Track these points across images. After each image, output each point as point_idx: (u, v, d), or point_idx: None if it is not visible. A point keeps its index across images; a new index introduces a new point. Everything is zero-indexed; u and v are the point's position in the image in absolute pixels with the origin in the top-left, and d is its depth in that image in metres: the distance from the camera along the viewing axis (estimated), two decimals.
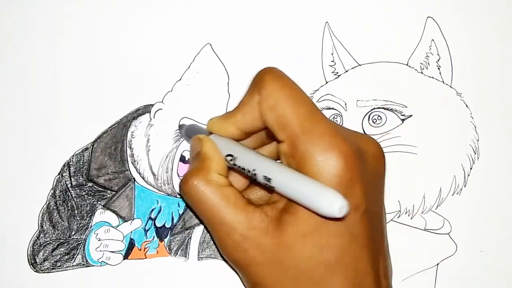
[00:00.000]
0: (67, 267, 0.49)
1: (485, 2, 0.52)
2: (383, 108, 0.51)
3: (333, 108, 0.51)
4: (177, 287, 0.49)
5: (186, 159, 0.49)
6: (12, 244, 0.49)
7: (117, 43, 0.51)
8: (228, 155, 0.41)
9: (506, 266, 0.50)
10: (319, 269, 0.38)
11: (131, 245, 0.49)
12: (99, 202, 0.49)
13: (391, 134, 0.50)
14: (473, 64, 0.52)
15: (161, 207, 0.50)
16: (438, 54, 0.51)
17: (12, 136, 0.50)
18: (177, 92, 0.50)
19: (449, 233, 0.50)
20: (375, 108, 0.51)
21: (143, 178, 0.50)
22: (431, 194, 0.50)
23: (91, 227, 0.49)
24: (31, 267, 0.49)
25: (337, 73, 0.51)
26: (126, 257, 0.49)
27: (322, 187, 0.36)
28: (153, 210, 0.50)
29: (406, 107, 0.51)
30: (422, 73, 0.51)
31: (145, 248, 0.49)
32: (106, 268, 0.49)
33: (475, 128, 0.51)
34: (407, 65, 0.51)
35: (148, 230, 0.49)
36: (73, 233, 0.49)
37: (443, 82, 0.51)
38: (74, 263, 0.49)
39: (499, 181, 0.51)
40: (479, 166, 0.51)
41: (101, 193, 0.49)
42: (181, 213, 0.50)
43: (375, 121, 0.50)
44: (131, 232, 0.49)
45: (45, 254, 0.49)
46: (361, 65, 0.51)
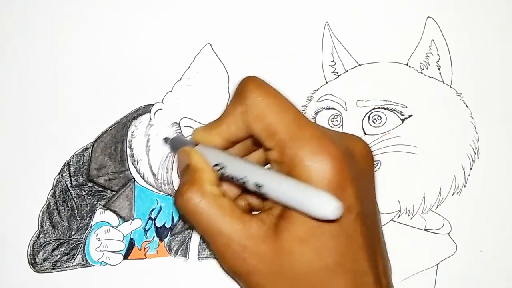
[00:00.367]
0: (67, 267, 0.49)
1: (485, 2, 0.52)
2: (383, 108, 0.51)
3: (333, 108, 0.51)
4: (177, 287, 0.49)
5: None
6: (12, 244, 0.49)
7: (117, 43, 0.51)
8: (216, 165, 0.41)
9: (506, 266, 0.50)
10: (319, 272, 0.38)
11: (131, 245, 0.49)
12: (99, 202, 0.49)
13: (391, 134, 0.50)
14: (473, 64, 0.52)
15: (161, 207, 0.50)
16: (438, 54, 0.51)
17: (12, 136, 0.50)
18: (177, 92, 0.50)
19: (449, 233, 0.50)
20: (375, 108, 0.51)
21: (143, 178, 0.50)
22: (431, 194, 0.50)
23: (91, 227, 0.49)
24: (31, 267, 0.49)
25: (337, 73, 0.51)
26: (126, 257, 0.49)
27: (314, 190, 0.36)
28: (153, 210, 0.50)
29: (406, 107, 0.51)
30: (422, 73, 0.51)
31: (145, 248, 0.49)
32: (106, 268, 0.49)
33: (475, 128, 0.51)
34: (407, 65, 0.51)
35: (148, 230, 0.49)
36: (73, 233, 0.49)
37: (443, 82, 0.51)
38: (74, 263, 0.49)
39: (499, 181, 0.51)
40: (479, 166, 0.51)
41: (101, 193, 0.49)
42: None
43: (375, 121, 0.50)
44: (131, 232, 0.49)
45: (45, 254, 0.49)
46: (361, 65, 0.51)
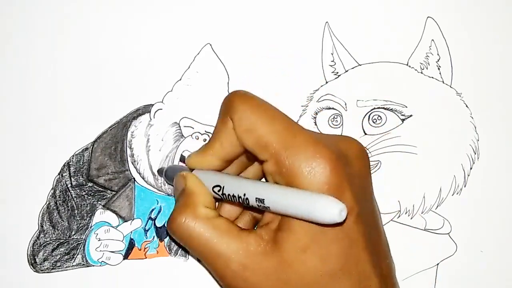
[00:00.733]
0: (67, 267, 0.49)
1: (485, 2, 0.52)
2: (383, 108, 0.51)
3: (333, 108, 0.51)
4: (177, 287, 0.49)
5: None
6: (12, 244, 0.49)
7: (117, 43, 0.51)
8: (215, 186, 0.41)
9: (506, 266, 0.50)
10: (323, 279, 0.38)
11: (131, 245, 0.49)
12: (99, 202, 0.49)
13: (391, 134, 0.50)
14: (473, 64, 0.52)
15: (161, 207, 0.50)
16: (438, 54, 0.51)
17: (12, 136, 0.50)
18: (177, 92, 0.50)
19: (449, 233, 0.50)
20: (375, 108, 0.51)
21: (143, 178, 0.50)
22: (431, 194, 0.50)
23: (91, 227, 0.49)
24: (31, 267, 0.49)
25: (337, 73, 0.51)
26: (126, 257, 0.49)
27: (317, 195, 0.36)
28: (153, 210, 0.50)
29: (406, 107, 0.51)
30: (422, 73, 0.51)
31: (145, 248, 0.49)
32: (106, 268, 0.49)
33: (475, 128, 0.51)
34: (407, 65, 0.51)
35: (148, 230, 0.49)
36: (73, 233, 0.49)
37: (443, 82, 0.51)
38: (74, 263, 0.49)
39: (499, 181, 0.51)
40: (479, 166, 0.51)
41: (101, 193, 0.49)
42: None
43: (375, 121, 0.50)
44: (131, 232, 0.49)
45: (45, 254, 0.49)
46: (361, 65, 0.51)
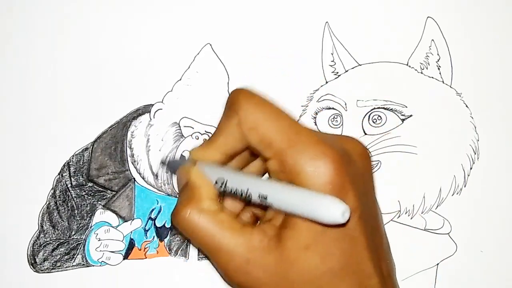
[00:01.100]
0: (67, 267, 0.49)
1: (485, 2, 0.52)
2: (383, 108, 0.51)
3: (333, 108, 0.51)
4: (177, 287, 0.49)
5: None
6: (12, 244, 0.49)
7: (117, 43, 0.51)
8: (218, 180, 0.41)
9: (506, 266, 0.50)
10: (324, 277, 0.38)
11: (131, 245, 0.49)
12: (99, 202, 0.49)
13: (391, 134, 0.50)
14: (473, 64, 0.52)
15: (161, 207, 0.50)
16: (438, 54, 0.51)
17: (12, 136, 0.50)
18: (177, 92, 0.50)
19: (449, 233, 0.50)
20: (375, 108, 0.51)
21: (143, 178, 0.50)
22: (431, 194, 0.50)
23: (91, 227, 0.49)
24: (31, 267, 0.49)
25: (337, 73, 0.51)
26: (126, 257, 0.49)
27: (320, 195, 0.36)
28: (153, 210, 0.50)
29: (406, 107, 0.51)
30: (422, 73, 0.51)
31: (145, 248, 0.49)
32: (106, 268, 0.49)
33: (475, 128, 0.51)
34: (407, 65, 0.51)
35: (148, 230, 0.49)
36: (73, 233, 0.49)
37: (443, 82, 0.51)
38: (74, 263, 0.49)
39: (499, 181, 0.51)
40: (479, 166, 0.51)
41: (101, 193, 0.49)
42: None
43: (375, 121, 0.50)
44: (131, 232, 0.49)
45: (45, 254, 0.49)
46: (361, 65, 0.51)
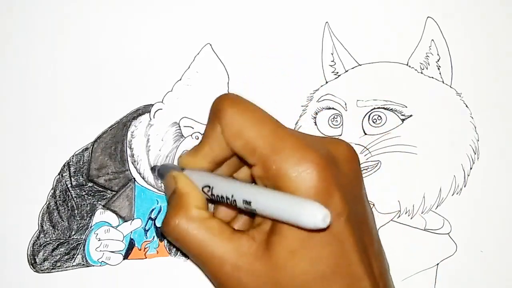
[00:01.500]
0: (67, 267, 0.49)
1: (485, 2, 0.52)
2: (383, 108, 0.51)
3: (333, 108, 0.51)
4: (177, 287, 0.49)
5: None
6: (12, 244, 0.49)
7: (117, 43, 0.51)
8: (205, 187, 0.41)
9: (506, 266, 0.50)
10: (314, 282, 0.38)
11: (131, 245, 0.49)
12: (99, 202, 0.49)
13: (391, 134, 0.50)
14: (473, 64, 0.52)
15: (161, 207, 0.50)
16: (438, 54, 0.51)
17: (12, 136, 0.50)
18: (177, 92, 0.50)
19: (449, 233, 0.50)
20: (375, 108, 0.51)
21: (143, 178, 0.50)
22: (431, 194, 0.50)
23: (91, 227, 0.49)
24: (31, 267, 0.49)
25: (337, 73, 0.51)
26: (126, 257, 0.49)
27: (301, 200, 0.36)
28: (153, 210, 0.50)
29: (406, 107, 0.51)
30: (422, 73, 0.51)
31: (145, 248, 0.49)
32: (106, 268, 0.49)
33: (475, 128, 0.51)
34: (407, 65, 0.51)
35: (148, 230, 0.49)
36: (73, 233, 0.49)
37: (443, 82, 0.51)
38: (74, 263, 0.49)
39: (499, 181, 0.51)
40: (479, 166, 0.51)
41: (101, 193, 0.49)
42: None
43: (375, 121, 0.50)
44: (131, 232, 0.49)
45: (45, 254, 0.49)
46: (361, 65, 0.51)
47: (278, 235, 0.38)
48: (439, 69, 0.51)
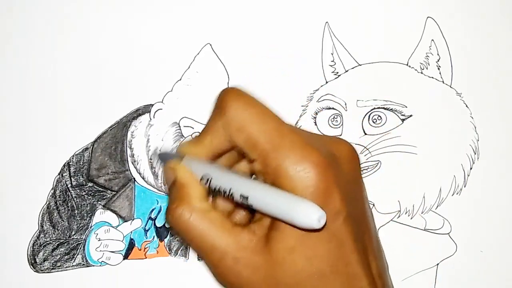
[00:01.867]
0: (67, 267, 0.49)
1: (485, 2, 0.52)
2: (383, 108, 0.51)
3: (333, 108, 0.51)
4: (177, 287, 0.49)
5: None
6: (12, 244, 0.49)
7: (117, 43, 0.51)
8: (203, 177, 0.41)
9: (506, 266, 0.50)
10: (312, 280, 0.38)
11: (131, 245, 0.49)
12: (99, 202, 0.49)
13: (391, 134, 0.50)
14: (473, 64, 0.52)
15: (161, 207, 0.50)
16: (438, 54, 0.51)
17: (12, 136, 0.50)
18: (177, 92, 0.50)
19: (449, 233, 0.50)
20: (375, 108, 0.51)
21: (143, 178, 0.50)
22: (431, 194, 0.50)
23: (91, 227, 0.49)
24: (31, 267, 0.49)
25: (337, 73, 0.51)
26: (126, 257, 0.49)
27: (296, 199, 0.36)
28: (153, 210, 0.50)
29: (406, 107, 0.51)
30: (422, 73, 0.51)
31: (145, 248, 0.49)
32: (106, 268, 0.49)
33: (475, 128, 0.51)
34: (407, 65, 0.51)
35: (148, 230, 0.49)
36: (73, 233, 0.49)
37: (443, 82, 0.51)
38: (74, 263, 0.49)
39: (499, 181, 0.51)
40: (479, 166, 0.51)
41: (101, 193, 0.49)
42: None
43: (375, 121, 0.50)
44: (131, 232, 0.49)
45: (45, 254, 0.49)
46: (361, 65, 0.51)
47: (277, 231, 0.38)
48: (439, 69, 0.51)
